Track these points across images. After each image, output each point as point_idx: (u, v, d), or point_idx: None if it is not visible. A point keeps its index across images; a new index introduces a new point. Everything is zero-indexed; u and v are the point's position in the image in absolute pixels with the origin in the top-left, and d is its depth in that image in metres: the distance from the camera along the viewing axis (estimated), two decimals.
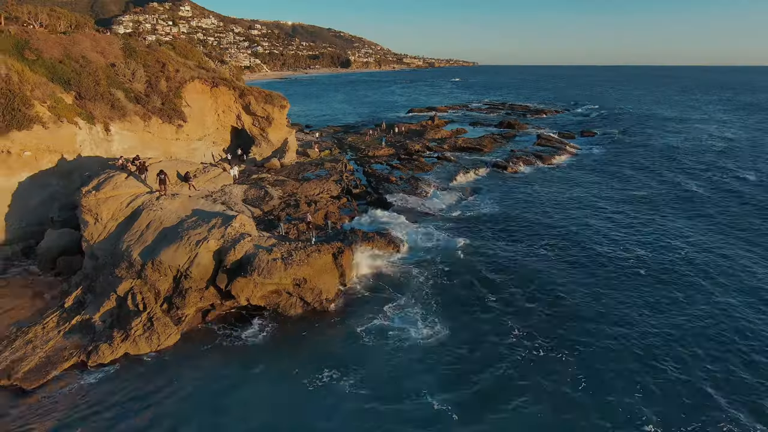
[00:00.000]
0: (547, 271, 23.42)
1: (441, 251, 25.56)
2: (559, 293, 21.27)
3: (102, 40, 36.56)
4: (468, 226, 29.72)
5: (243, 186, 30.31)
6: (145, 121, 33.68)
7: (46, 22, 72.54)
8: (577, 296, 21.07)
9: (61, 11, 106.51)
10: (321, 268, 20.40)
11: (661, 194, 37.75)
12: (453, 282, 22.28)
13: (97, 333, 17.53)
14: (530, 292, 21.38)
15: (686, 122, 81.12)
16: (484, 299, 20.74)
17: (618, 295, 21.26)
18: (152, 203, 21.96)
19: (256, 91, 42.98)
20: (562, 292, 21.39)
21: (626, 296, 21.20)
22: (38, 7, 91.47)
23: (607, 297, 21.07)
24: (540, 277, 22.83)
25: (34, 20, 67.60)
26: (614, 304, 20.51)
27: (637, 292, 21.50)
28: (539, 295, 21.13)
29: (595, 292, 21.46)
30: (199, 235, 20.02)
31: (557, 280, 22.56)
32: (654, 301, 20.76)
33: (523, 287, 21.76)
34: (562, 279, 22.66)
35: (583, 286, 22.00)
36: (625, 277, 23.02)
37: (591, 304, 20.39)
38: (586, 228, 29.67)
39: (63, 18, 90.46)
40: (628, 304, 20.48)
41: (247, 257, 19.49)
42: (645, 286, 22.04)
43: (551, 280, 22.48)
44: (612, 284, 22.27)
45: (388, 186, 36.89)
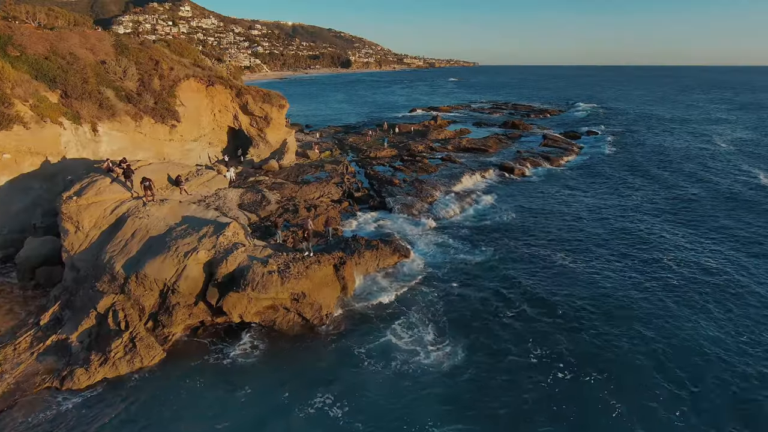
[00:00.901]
0: (569, 285, 21.61)
1: (452, 262, 23.81)
2: (582, 308, 19.51)
3: (92, 37, 34.95)
4: (479, 233, 27.94)
5: (239, 190, 28.65)
6: (136, 121, 32.04)
7: (44, 21, 71.05)
8: (603, 312, 19.30)
9: (60, 11, 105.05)
10: (321, 281, 18.74)
11: (680, 198, 36.01)
12: (466, 296, 20.48)
13: (74, 355, 15.88)
14: (551, 307, 19.61)
15: (688, 122, 79.89)
16: (500, 316, 18.99)
17: (649, 309, 19.51)
18: (138, 210, 20.30)
19: (254, 90, 41.35)
20: (585, 307, 19.63)
21: (657, 310, 19.47)
22: (36, 6, 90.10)
23: (637, 312, 19.33)
24: (561, 291, 21.02)
25: (32, 20, 66.16)
26: (645, 318, 18.80)
27: (670, 306, 19.72)
28: (561, 311, 19.38)
29: (623, 307, 19.72)
30: (188, 246, 18.36)
31: (580, 293, 20.78)
32: (690, 315, 19.04)
33: (543, 302, 20.00)
34: (585, 293, 20.89)
35: (608, 301, 20.22)
36: (656, 289, 21.21)
37: (619, 321, 18.66)
38: (607, 236, 27.90)
39: (61, 17, 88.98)
40: (662, 319, 18.77)
41: (240, 270, 17.83)
42: (678, 300, 20.25)
43: (573, 294, 20.70)
44: (640, 298, 20.48)
45: (391, 189, 35.21)
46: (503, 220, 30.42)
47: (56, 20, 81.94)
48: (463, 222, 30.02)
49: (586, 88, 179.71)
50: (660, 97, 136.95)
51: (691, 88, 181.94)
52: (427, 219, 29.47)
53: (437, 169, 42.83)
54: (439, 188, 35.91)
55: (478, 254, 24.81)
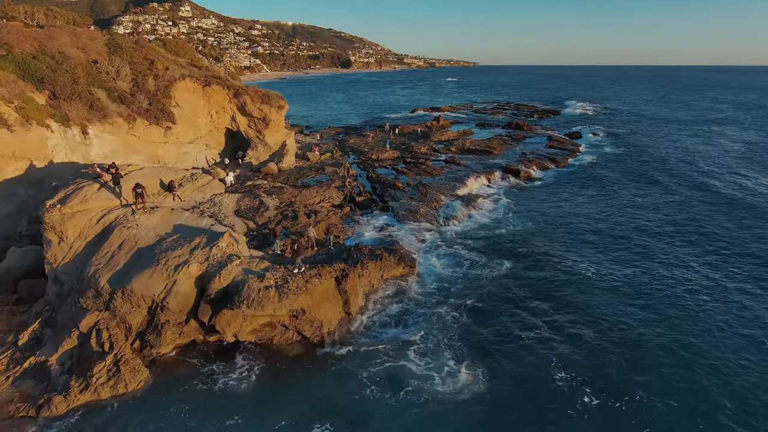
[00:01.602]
0: (591, 301, 20.12)
1: (465, 276, 22.32)
2: (607, 327, 18.08)
3: (83, 35, 33.64)
4: (491, 243, 26.53)
5: (235, 195, 27.35)
6: (129, 123, 30.74)
7: (43, 21, 69.84)
8: (630, 331, 17.88)
9: (59, 11, 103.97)
10: (322, 295, 17.45)
11: (691, 204, 34.67)
12: (482, 315, 18.97)
13: (53, 379, 14.58)
14: (574, 326, 18.15)
15: (688, 122, 79.03)
16: (520, 337, 17.52)
17: (684, 327, 17.98)
18: (127, 219, 19.00)
19: (252, 91, 40.06)
20: (611, 325, 18.20)
21: (691, 325, 18.09)
22: (35, 6, 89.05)
23: (667, 328, 17.92)
24: (583, 307, 19.54)
25: (31, 19, 64.97)
26: (675, 335, 17.42)
27: (703, 321, 18.30)
28: (585, 329, 17.94)
29: (651, 322, 18.31)
30: (178, 258, 17.07)
31: (604, 310, 19.31)
32: (725, 330, 17.67)
33: (565, 321, 18.54)
34: (609, 309, 19.43)
35: (636, 317, 18.74)
36: (687, 304, 19.70)
37: (648, 341, 17.25)
38: (626, 243, 26.53)
39: (60, 17, 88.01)
40: (697, 336, 17.37)
41: (234, 285, 16.53)
42: (709, 314, 18.80)
43: (597, 311, 19.23)
44: (674, 316, 18.89)
45: (394, 193, 33.91)
46: (515, 228, 28.94)
47: (55, 20, 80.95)
48: (473, 230, 28.56)
49: (587, 88, 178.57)
50: (659, 96, 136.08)
51: (691, 87, 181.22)
52: (433, 226, 28.18)
53: (441, 171, 41.53)
54: (444, 192, 34.61)
55: (492, 267, 23.29)
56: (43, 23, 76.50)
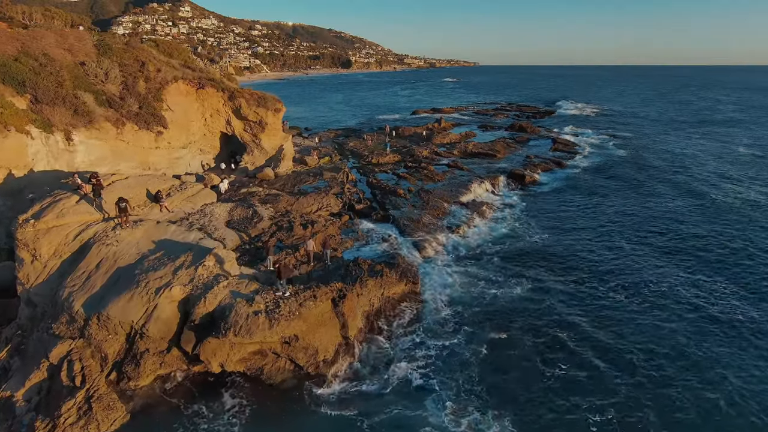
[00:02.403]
0: (623, 328, 18.26)
1: (479, 295, 20.74)
2: (644, 359, 16.32)
3: (70, 36, 32.23)
4: (503, 255, 25.02)
5: (227, 205, 25.92)
6: (117, 128, 29.33)
7: (41, 21, 68.35)
8: (671, 361, 16.20)
9: (57, 11, 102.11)
10: (317, 319, 16.00)
11: (709, 207, 33.21)
12: (505, 346, 17.11)
13: (17, 417, 13.15)
14: (608, 361, 16.31)
15: (688, 122, 77.84)
16: (550, 375, 15.66)
17: (726, 357, 16.30)
18: (106, 235, 17.58)
19: (248, 93, 38.63)
20: (647, 357, 16.41)
21: (747, 358, 16.26)
22: (33, 7, 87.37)
23: (712, 359, 16.25)
24: (613, 335, 17.75)
25: (29, 20, 63.61)
26: (720, 366, 15.81)
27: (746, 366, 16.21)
28: (620, 363, 16.14)
29: (688, 351, 16.63)
30: (160, 280, 15.63)
31: (638, 338, 17.49)
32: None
33: (597, 354, 16.71)
34: (641, 336, 17.67)
35: (677, 348, 16.96)
36: (738, 332, 17.75)
37: (687, 370, 15.66)
38: (646, 258, 25.02)
39: (58, 17, 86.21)
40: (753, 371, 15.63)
41: (221, 310, 15.10)
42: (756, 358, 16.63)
43: (630, 340, 17.42)
44: (711, 340, 17.20)
45: (395, 200, 32.48)
46: (529, 240, 27.38)
47: (53, 20, 79.20)
48: (482, 242, 26.97)
49: (589, 88, 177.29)
50: (659, 96, 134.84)
51: (692, 87, 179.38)
52: (438, 237, 26.71)
53: (444, 176, 40.11)
54: (447, 199, 33.15)
55: (509, 287, 21.57)
56: (42, 24, 74.78)
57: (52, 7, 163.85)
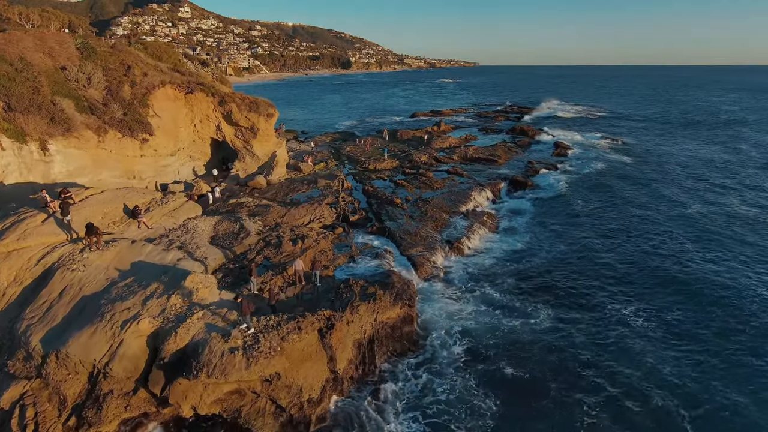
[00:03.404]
0: (648, 356, 16.65)
1: (494, 326, 18.96)
2: (676, 403, 14.61)
3: (50, 39, 30.75)
4: (509, 273, 23.48)
5: (213, 218, 24.41)
6: (99, 136, 27.85)
7: (38, 23, 67.00)
8: (707, 411, 14.49)
9: (54, 12, 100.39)
10: (301, 354, 14.49)
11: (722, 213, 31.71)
12: (529, 394, 15.21)
13: None
14: (635, 398, 14.74)
15: (688, 122, 76.40)
16: (573, 417, 14.01)
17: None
18: (72, 259, 16.09)
19: (239, 98, 37.14)
20: (681, 401, 14.70)
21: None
22: (30, 8, 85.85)
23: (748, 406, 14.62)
24: (644, 370, 15.97)
25: (25, 21, 62.31)
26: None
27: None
28: (646, 402, 14.58)
29: (721, 395, 15.01)
30: (128, 311, 14.13)
31: (670, 378, 15.66)
32: None
33: (624, 390, 15.11)
34: (682, 374, 15.84)
35: (706, 385, 15.33)
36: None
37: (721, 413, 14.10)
38: (665, 271, 23.53)
39: (55, 18, 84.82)
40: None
41: (193, 346, 13.59)
42: None
43: (659, 378, 15.64)
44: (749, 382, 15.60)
45: (392, 211, 30.97)
46: (538, 255, 25.87)
47: (49, 21, 77.74)
48: (488, 258, 25.39)
49: (590, 89, 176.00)
50: (660, 97, 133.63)
51: (693, 87, 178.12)
52: (437, 253, 25.16)
53: (443, 184, 38.60)
54: (446, 210, 31.63)
55: (523, 315, 19.75)
56: (38, 25, 72.99)
57: (50, 8, 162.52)
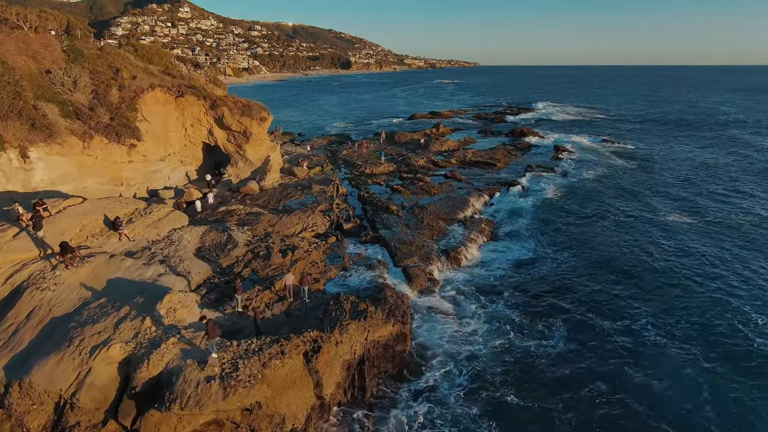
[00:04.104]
0: (674, 380, 15.39)
1: (505, 350, 17.68)
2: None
3: (35, 42, 29.84)
4: (508, 287, 22.36)
5: (200, 228, 23.48)
6: (84, 142, 26.94)
7: (36, 23, 66.23)
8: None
9: (51, 12, 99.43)
10: (285, 380, 13.57)
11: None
12: (521, 410, 14.28)
13: None
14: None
15: (691, 123, 74.75)
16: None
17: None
18: (43, 277, 15.17)
19: (232, 101, 36.25)
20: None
21: None
22: (28, 8, 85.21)
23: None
24: (673, 415, 14.42)
25: (23, 21, 61.53)
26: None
27: None
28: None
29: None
30: (98, 335, 13.22)
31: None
32: None
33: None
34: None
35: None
36: None
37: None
38: (677, 278, 22.58)
39: (53, 19, 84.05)
40: None
41: (167, 374, 12.66)
42: None
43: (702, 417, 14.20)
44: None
45: (387, 218, 30.03)
46: (542, 263, 24.89)
47: (47, 22, 76.91)
48: (488, 270, 24.30)
49: (591, 89, 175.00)
50: (660, 98, 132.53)
51: (693, 87, 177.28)
52: (433, 264, 24.21)
53: (441, 189, 37.65)
54: (444, 216, 30.70)
55: (535, 334, 18.48)
56: (36, 25, 71.87)
57: (48, 8, 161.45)
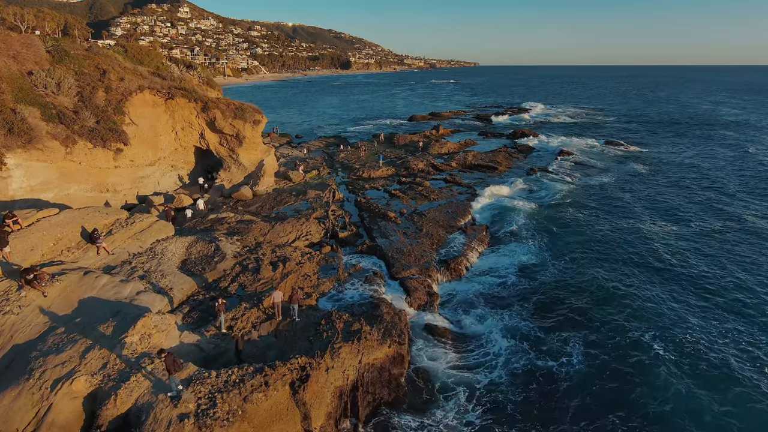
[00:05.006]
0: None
1: (526, 383, 16.16)
2: None
3: (16, 42, 28.62)
4: (517, 299, 21.17)
5: (186, 239, 22.22)
6: (66, 147, 25.73)
7: (33, 23, 65.09)
8: None
9: (48, 12, 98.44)
10: (268, 415, 12.32)
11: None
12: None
13: None
14: None
15: (695, 123, 73.34)
16: None
17: None
18: (7, 299, 13.91)
19: (224, 104, 35.00)
20: None
21: None
22: (25, 8, 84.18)
23: None
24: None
25: (20, 21, 60.37)
26: None
27: None
28: None
29: None
30: (62, 367, 11.97)
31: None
32: None
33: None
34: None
35: None
36: None
37: None
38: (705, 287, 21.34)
39: (50, 19, 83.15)
40: None
41: (137, 412, 11.42)
42: None
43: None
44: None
45: (385, 226, 28.79)
46: (548, 271, 23.66)
47: (44, 22, 75.76)
48: (493, 278, 23.08)
49: (593, 90, 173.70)
50: (661, 98, 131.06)
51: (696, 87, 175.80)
52: (433, 275, 22.96)
53: (441, 194, 36.46)
54: (444, 224, 29.46)
55: (550, 353, 17.16)
56: (33, 25, 70.69)
57: (47, 9, 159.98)
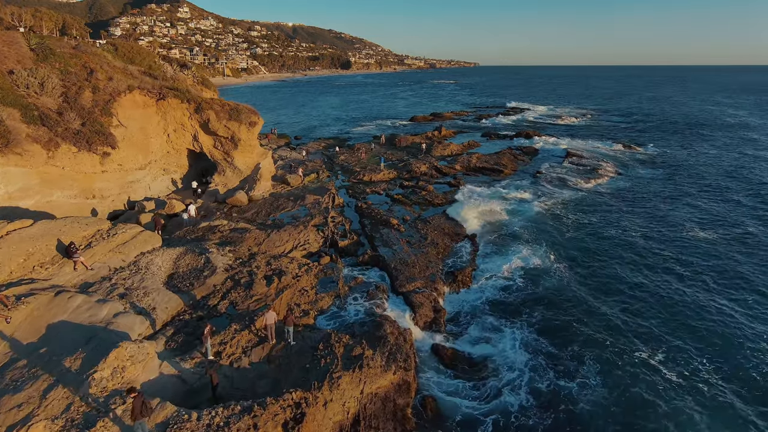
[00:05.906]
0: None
1: (516, 392, 14.94)
2: None
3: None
4: (530, 312, 19.66)
5: (174, 251, 20.63)
6: (48, 151, 24.16)
7: (30, 23, 63.81)
8: None
9: (47, 11, 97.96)
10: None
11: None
12: None
13: None
14: None
15: (701, 125, 71.70)
16: None
17: None
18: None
19: (218, 105, 33.41)
20: None
21: None
22: (23, 8, 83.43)
23: None
24: None
25: (18, 21, 58.93)
26: None
27: None
28: None
29: None
30: (18, 410, 10.38)
31: None
32: None
33: None
34: None
35: None
36: None
37: None
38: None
39: (48, 19, 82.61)
40: None
41: None
42: None
43: None
44: None
45: (387, 233, 27.21)
46: (555, 279, 22.22)
47: (42, 22, 75.08)
48: (505, 294, 21.45)
49: (594, 90, 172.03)
50: (661, 99, 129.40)
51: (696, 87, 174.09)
52: (441, 288, 21.36)
53: (445, 198, 34.93)
54: (449, 232, 27.89)
55: (565, 373, 15.87)
56: (31, 25, 69.67)
57: (45, 8, 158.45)
